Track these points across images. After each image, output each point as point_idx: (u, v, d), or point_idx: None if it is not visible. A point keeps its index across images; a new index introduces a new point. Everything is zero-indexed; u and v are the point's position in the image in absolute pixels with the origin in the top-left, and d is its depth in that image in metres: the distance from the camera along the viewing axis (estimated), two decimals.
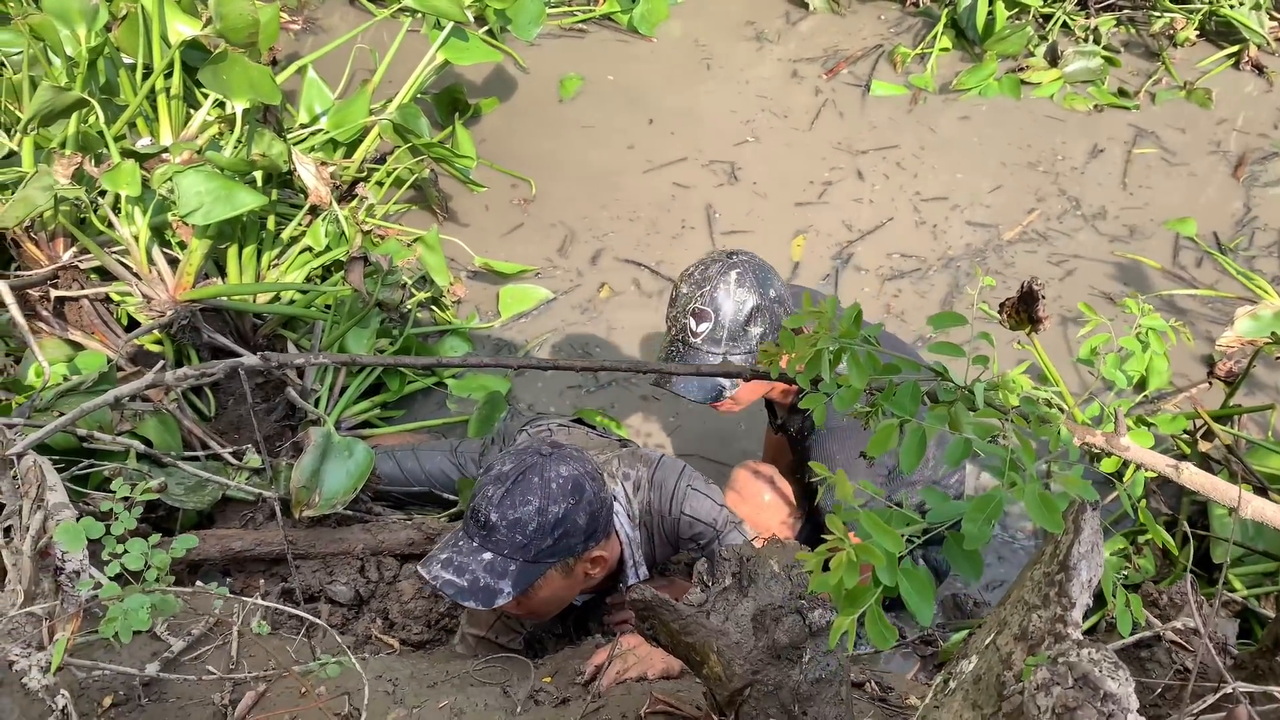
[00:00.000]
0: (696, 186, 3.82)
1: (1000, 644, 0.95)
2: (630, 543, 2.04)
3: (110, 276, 2.77)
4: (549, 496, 1.78)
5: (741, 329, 2.07)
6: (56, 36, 3.02)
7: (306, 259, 3.05)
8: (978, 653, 0.99)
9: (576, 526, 1.80)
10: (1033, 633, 0.92)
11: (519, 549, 1.77)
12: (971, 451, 1.10)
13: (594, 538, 1.86)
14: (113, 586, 1.29)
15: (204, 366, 1.58)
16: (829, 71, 4.31)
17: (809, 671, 1.35)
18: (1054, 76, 4.19)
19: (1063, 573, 0.91)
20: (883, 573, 0.89)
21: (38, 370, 2.38)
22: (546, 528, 1.77)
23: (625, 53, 4.44)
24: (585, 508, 1.81)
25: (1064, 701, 0.84)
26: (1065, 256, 3.57)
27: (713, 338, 2.07)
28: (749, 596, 1.36)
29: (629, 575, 2.06)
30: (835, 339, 1.12)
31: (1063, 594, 0.90)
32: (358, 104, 3.52)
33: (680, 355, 2.11)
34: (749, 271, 2.08)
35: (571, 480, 1.80)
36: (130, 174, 2.57)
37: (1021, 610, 0.94)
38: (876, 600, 0.90)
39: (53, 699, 1.33)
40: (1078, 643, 0.87)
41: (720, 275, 2.07)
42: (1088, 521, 0.91)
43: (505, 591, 1.76)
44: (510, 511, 1.77)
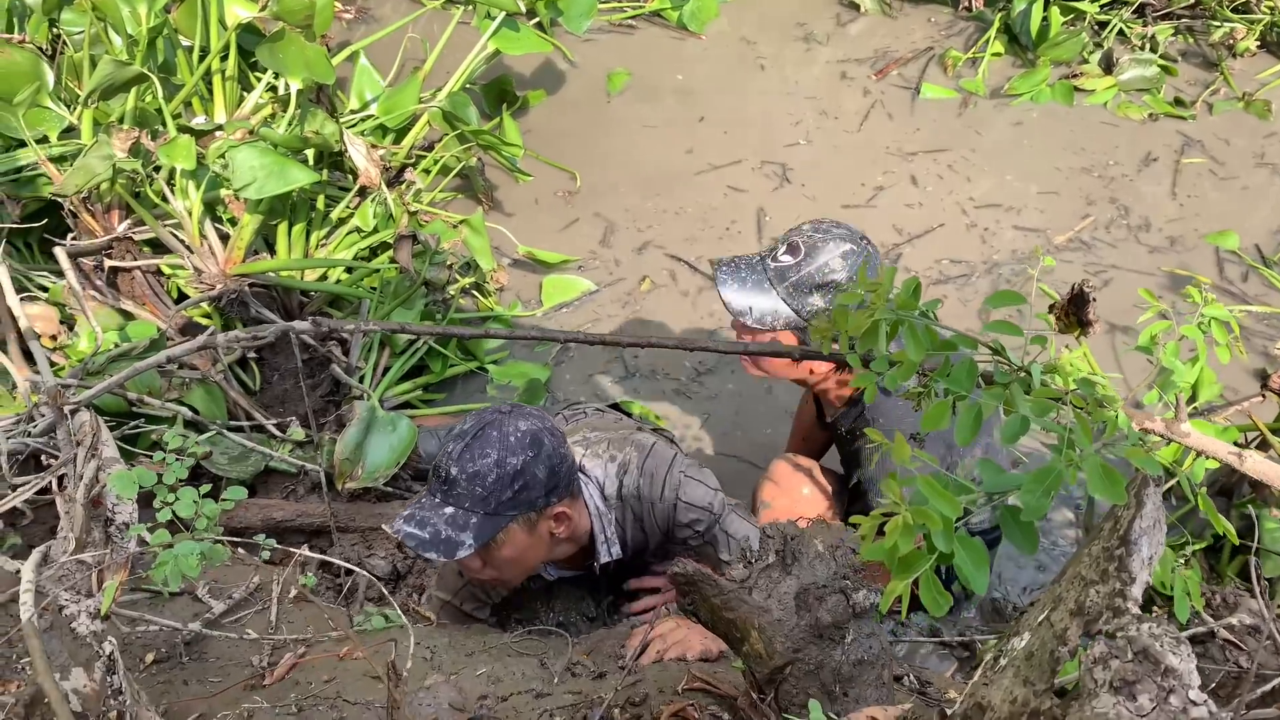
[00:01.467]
0: (745, 186, 3.81)
1: (1055, 620, 0.94)
2: (600, 517, 2.03)
3: (163, 249, 2.82)
4: (507, 449, 1.80)
5: (811, 288, 2.05)
6: (118, 15, 3.08)
7: (354, 239, 3.08)
8: (1030, 629, 0.97)
9: (536, 479, 1.82)
10: (1090, 608, 0.90)
11: (479, 501, 1.79)
12: (1028, 429, 1.09)
13: (555, 492, 1.86)
14: (163, 533, 1.31)
15: (255, 330, 1.60)
16: (879, 73, 4.28)
17: (851, 652, 1.34)
18: (1108, 84, 4.14)
19: (1123, 547, 0.89)
20: (938, 537, 0.88)
21: (90, 336, 2.42)
22: (505, 479, 1.79)
23: (674, 49, 4.45)
24: (544, 460, 1.82)
25: (1123, 675, 0.83)
26: (1104, 266, 3.53)
27: (782, 274, 2.06)
28: (792, 574, 1.35)
29: (600, 552, 2.04)
30: (893, 310, 1.11)
31: (1122, 569, 0.89)
32: (408, 91, 3.56)
33: (751, 269, 2.10)
34: (858, 257, 2.05)
35: (530, 434, 1.82)
36: (186, 148, 2.61)
37: (1078, 586, 0.93)
38: (930, 566, 0.89)
39: (100, 644, 1.35)
40: (1137, 617, 0.85)
41: (836, 240, 2.05)
42: (1150, 496, 0.90)
43: (466, 543, 1.78)
44: (469, 465, 1.79)
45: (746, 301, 2.08)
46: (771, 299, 2.07)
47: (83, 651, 1.40)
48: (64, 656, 1.37)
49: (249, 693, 1.66)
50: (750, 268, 2.10)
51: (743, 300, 2.08)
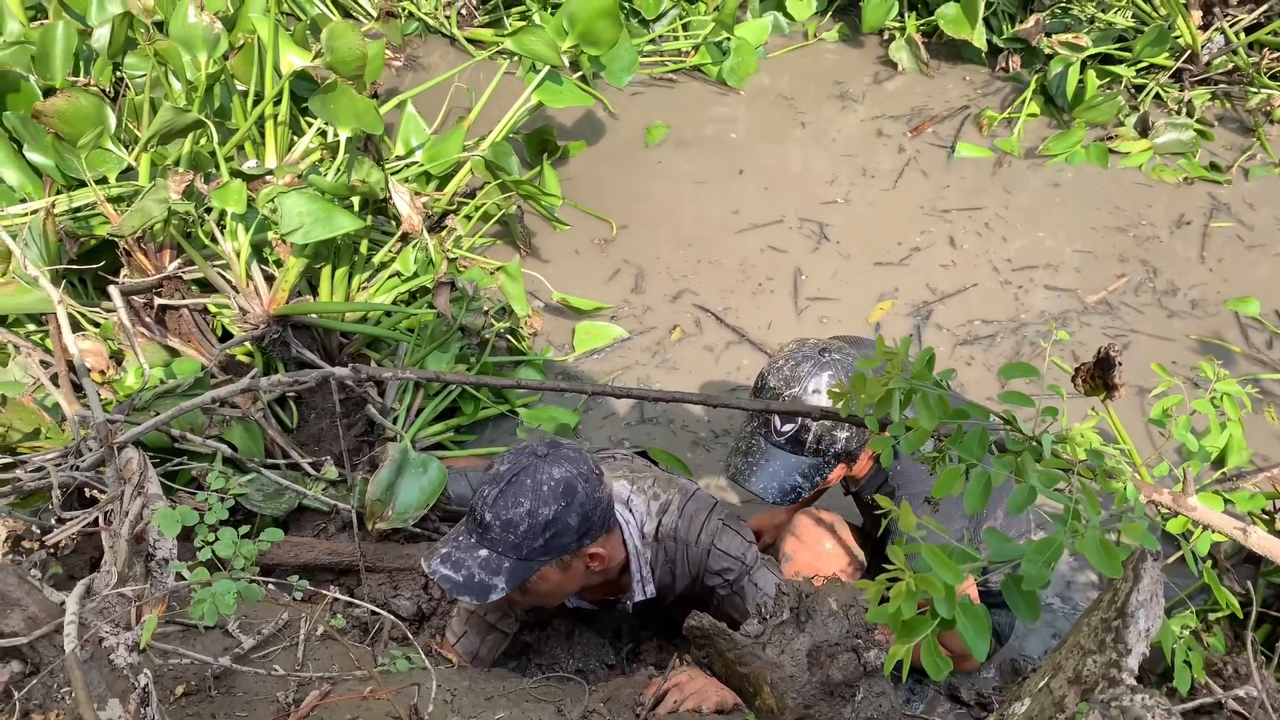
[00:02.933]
0: (780, 241, 3.86)
1: (1054, 687, 0.96)
2: (638, 556, 2.05)
3: (210, 288, 2.92)
4: (540, 499, 1.82)
5: (829, 432, 1.98)
6: (179, 61, 3.22)
7: (394, 283, 3.17)
8: (1031, 695, 1.00)
9: (568, 527, 1.84)
10: (1087, 677, 0.93)
11: (512, 547, 1.82)
12: (1035, 499, 1.12)
13: (589, 535, 1.89)
14: (202, 571, 1.36)
15: (296, 375, 1.67)
16: (914, 130, 4.34)
17: (861, 711, 1.36)
18: (1144, 147, 4.16)
19: (1120, 619, 0.92)
20: (940, 605, 0.91)
21: (138, 372, 2.51)
22: (537, 529, 1.82)
23: (713, 104, 4.54)
24: (577, 509, 1.84)
25: None
26: (1127, 329, 3.53)
27: (797, 439, 1.99)
28: (805, 631, 1.38)
29: (634, 591, 2.07)
30: (907, 380, 1.15)
31: (1119, 640, 0.91)
32: (452, 139, 3.67)
33: (759, 451, 2.03)
34: (842, 373, 1.96)
35: (563, 483, 1.84)
36: (237, 193, 2.72)
37: (1077, 655, 0.95)
38: (933, 631, 0.92)
39: (136, 676, 1.41)
40: (1131, 688, 0.88)
41: (811, 376, 1.96)
42: (1148, 570, 0.92)
43: (499, 587, 1.82)
44: (504, 512, 1.82)
45: (791, 482, 2.01)
46: (805, 462, 2.01)
47: (119, 683, 1.46)
48: (101, 687, 1.43)
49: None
50: (760, 453, 2.04)
51: (787, 483, 2.02)
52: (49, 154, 3.00)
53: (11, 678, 1.39)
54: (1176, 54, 4.39)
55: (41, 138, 3.01)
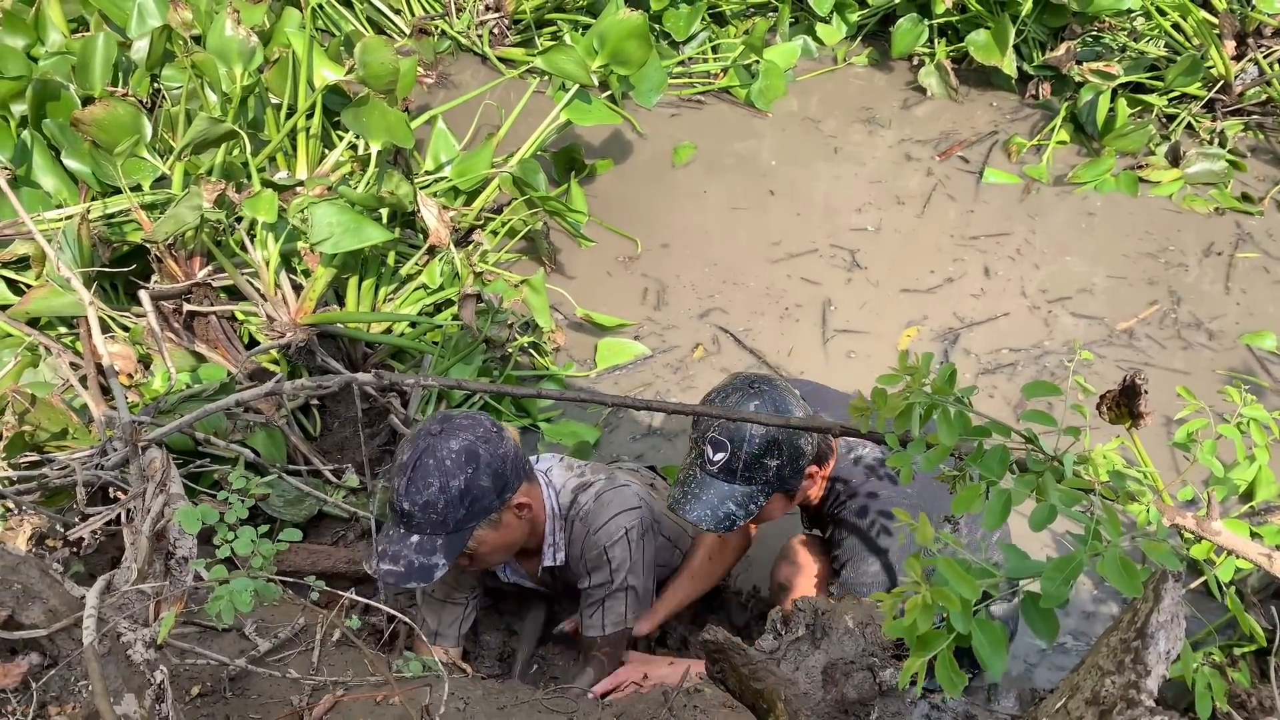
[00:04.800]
0: (807, 267, 3.85)
1: (1071, 708, 0.95)
2: (553, 519, 2.12)
3: (238, 297, 2.95)
4: (446, 473, 1.87)
5: (758, 460, 2.01)
6: (215, 73, 3.28)
7: (420, 295, 3.19)
8: (1048, 716, 0.99)
9: (484, 489, 1.91)
10: (1105, 698, 0.91)
11: (438, 525, 1.89)
12: (1055, 518, 1.11)
13: (507, 489, 1.95)
14: (220, 569, 1.38)
15: (320, 379, 1.68)
16: (942, 154, 4.34)
17: None
18: (1174, 176, 4.13)
19: (1139, 640, 0.91)
20: (956, 619, 0.91)
21: (164, 376, 2.54)
22: (454, 501, 1.88)
23: (741, 126, 4.55)
24: (485, 470, 1.90)
25: None
26: (1139, 363, 3.49)
27: (728, 468, 2.03)
28: (821, 649, 1.37)
29: (545, 554, 2.14)
30: (928, 395, 1.15)
31: (1138, 661, 0.90)
32: (481, 156, 3.70)
33: (695, 481, 2.06)
34: (768, 404, 2.02)
35: (464, 451, 1.89)
36: (269, 202, 2.75)
37: (1095, 676, 0.94)
38: (949, 646, 0.91)
39: (152, 672, 1.42)
40: (1150, 709, 0.86)
41: (739, 406, 2.02)
42: (1169, 591, 0.91)
43: (440, 564, 1.90)
44: (418, 496, 1.88)
45: (724, 510, 2.03)
46: (738, 490, 2.03)
47: (135, 678, 1.47)
48: (118, 682, 1.44)
49: None
50: (697, 482, 2.06)
51: (720, 511, 2.04)
52: (86, 161, 3.06)
53: (30, 669, 1.40)
54: (1209, 84, 4.37)
55: (79, 145, 3.07)
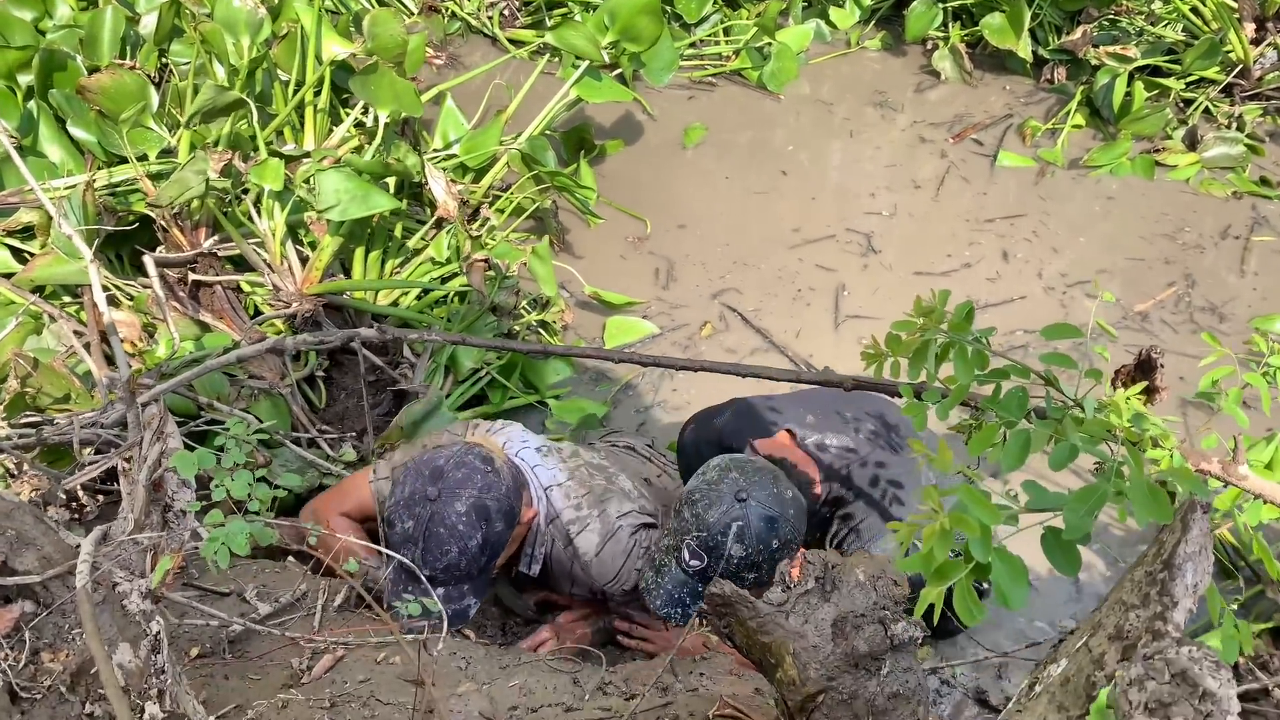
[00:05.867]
0: (819, 249, 3.80)
1: (1093, 645, 0.91)
2: (536, 533, 2.13)
3: (244, 268, 2.93)
4: (461, 537, 1.91)
5: (734, 574, 1.95)
6: (223, 46, 3.25)
7: (427, 268, 3.16)
8: (1068, 656, 0.95)
9: (499, 533, 1.96)
10: (1129, 632, 0.88)
11: (464, 577, 1.94)
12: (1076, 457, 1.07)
13: (516, 516, 2.01)
14: (217, 514, 1.35)
15: (322, 334, 1.65)
16: (956, 136, 4.29)
17: (887, 685, 1.31)
18: (1191, 160, 4.08)
19: (1166, 571, 0.87)
20: (975, 546, 0.87)
21: (168, 342, 2.52)
22: (475, 554, 1.93)
23: (752, 108, 4.51)
24: (499, 518, 1.95)
25: (1158, 697, 0.80)
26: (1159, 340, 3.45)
27: (705, 575, 1.97)
28: (831, 601, 1.33)
29: (522, 562, 2.16)
30: (944, 333, 1.11)
31: (1164, 593, 0.86)
32: (490, 133, 3.67)
33: (669, 571, 2.00)
34: (751, 526, 1.94)
35: (473, 511, 1.92)
36: (275, 170, 2.73)
37: (1119, 611, 0.90)
38: (967, 575, 0.87)
39: (148, 623, 1.39)
40: (1177, 640, 0.83)
41: (723, 526, 1.94)
42: (1196, 521, 0.87)
43: (473, 604, 1.97)
44: (438, 562, 1.92)
45: (694, 609, 1.98)
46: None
47: (131, 629, 1.44)
48: (113, 631, 1.41)
49: (286, 689, 1.68)
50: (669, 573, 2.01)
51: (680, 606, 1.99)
52: (91, 129, 3.04)
53: (23, 616, 1.37)
54: (1227, 68, 4.31)
55: (85, 114, 3.05)
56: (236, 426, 1.40)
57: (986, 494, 0.92)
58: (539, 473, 2.17)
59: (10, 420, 2.11)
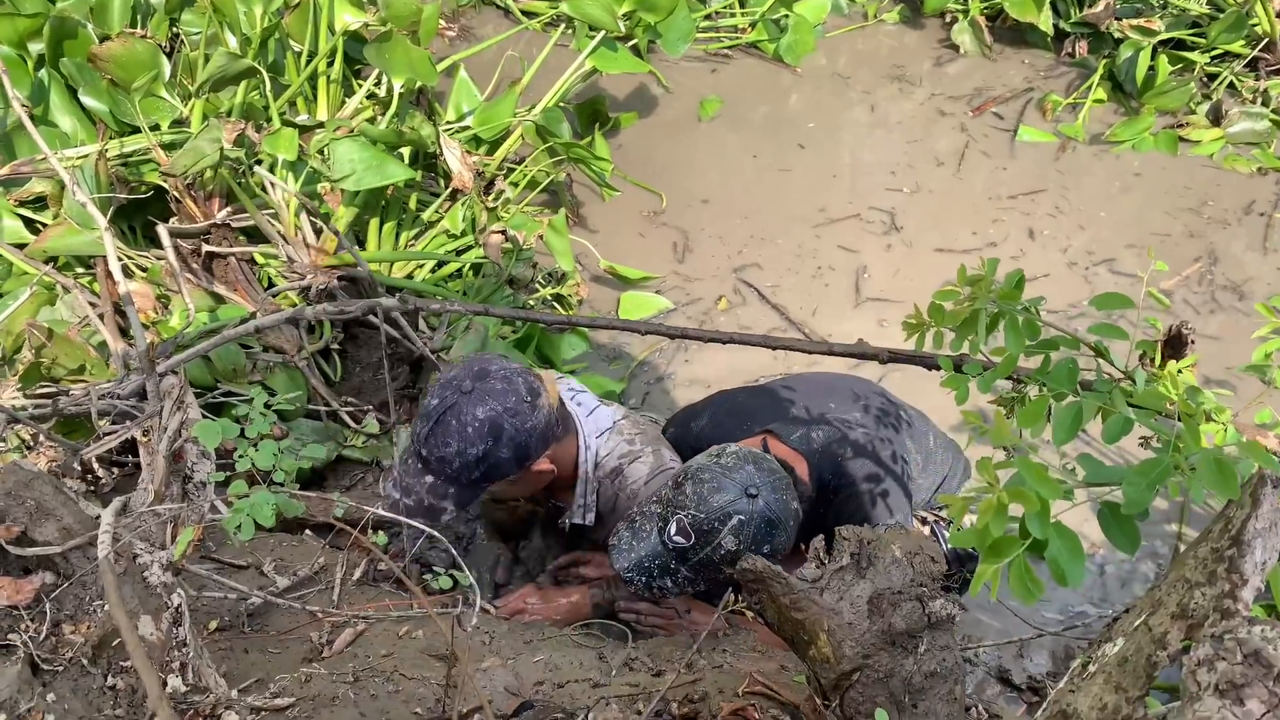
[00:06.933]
0: (842, 230, 3.75)
1: (1153, 624, 0.88)
2: (586, 481, 2.06)
3: (257, 239, 2.89)
4: (465, 440, 1.84)
5: (715, 565, 1.88)
6: (235, 15, 3.20)
7: (442, 241, 3.13)
8: (1124, 635, 0.92)
9: (502, 459, 1.87)
10: (1194, 610, 0.84)
11: (452, 479, 1.88)
12: (1130, 429, 1.03)
13: (528, 459, 1.91)
14: (240, 485, 1.32)
15: (342, 304, 1.62)
16: (975, 109, 4.23)
17: (924, 663, 1.28)
18: (1215, 135, 4.01)
19: (1234, 548, 0.83)
20: (1032, 521, 0.84)
21: (183, 313, 2.49)
22: (470, 465, 1.86)
23: (769, 81, 4.45)
24: (507, 444, 1.86)
25: (1230, 678, 0.77)
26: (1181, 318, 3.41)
27: (683, 556, 1.90)
28: (866, 578, 1.30)
29: (574, 513, 2.09)
30: (994, 302, 1.07)
31: (1233, 570, 0.83)
32: (504, 104, 3.61)
33: (645, 537, 1.93)
34: (748, 526, 1.86)
35: (487, 423, 1.84)
36: (289, 139, 2.69)
37: (1182, 589, 0.87)
38: (1022, 551, 0.84)
39: (169, 595, 1.36)
40: (1249, 619, 0.79)
41: (723, 514, 1.85)
42: (1267, 496, 0.84)
43: (449, 510, 1.89)
44: (435, 450, 1.86)
45: (657, 584, 1.92)
46: (682, 572, 1.91)
47: (152, 600, 1.42)
48: (134, 603, 1.38)
49: (308, 663, 1.66)
50: (646, 540, 1.93)
51: (655, 583, 1.92)
52: (103, 99, 2.99)
53: (43, 587, 1.35)
54: (1253, 42, 4.23)
55: (96, 82, 3.01)
56: (259, 396, 1.38)
57: (1045, 467, 0.88)
58: (598, 414, 2.10)
59: (26, 391, 2.08)
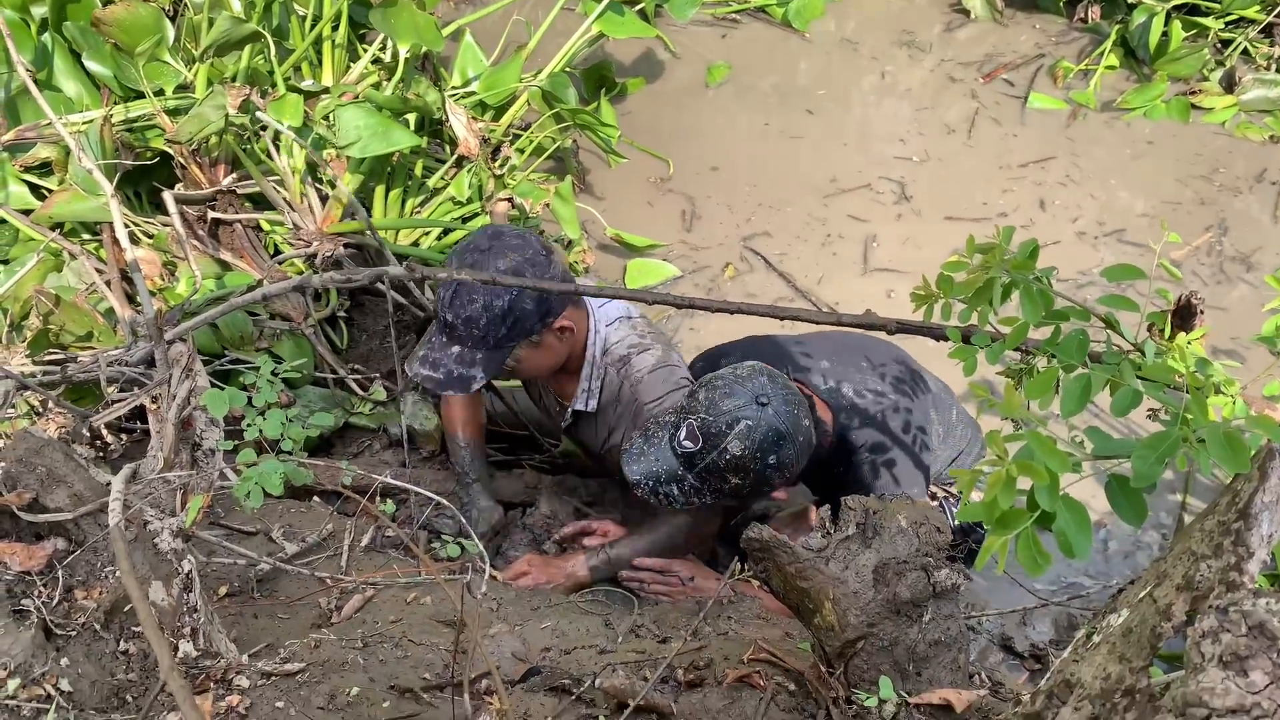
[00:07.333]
0: (851, 199, 3.73)
1: (1158, 595, 0.89)
2: (592, 365, 2.08)
3: (263, 206, 2.88)
4: (491, 292, 1.86)
5: (720, 471, 1.89)
6: None
7: (448, 208, 3.12)
8: (1129, 606, 0.92)
9: (526, 311, 1.90)
10: (1200, 583, 0.85)
11: (479, 341, 1.90)
12: (1140, 403, 1.03)
13: (550, 313, 1.94)
14: (249, 453, 1.33)
15: (350, 271, 1.62)
16: (986, 76, 4.19)
17: (928, 632, 1.30)
18: (1228, 103, 3.97)
19: (1241, 521, 0.84)
20: (1041, 494, 0.84)
21: (189, 279, 2.49)
22: (496, 320, 1.88)
23: (777, 46, 4.41)
24: (530, 293, 1.88)
25: (1234, 650, 0.77)
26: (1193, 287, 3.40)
27: (690, 460, 1.91)
28: (872, 548, 1.31)
29: (578, 399, 2.11)
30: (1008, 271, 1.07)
31: (1239, 543, 0.83)
32: (510, 69, 3.58)
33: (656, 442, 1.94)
34: (755, 433, 1.86)
35: (511, 272, 1.86)
36: (294, 106, 2.67)
37: (1187, 560, 0.87)
38: (1030, 524, 0.84)
39: (179, 562, 1.38)
40: (1255, 591, 0.80)
41: (732, 418, 1.86)
42: (1275, 470, 0.84)
43: (478, 377, 1.90)
44: (462, 310, 1.88)
45: (664, 490, 1.93)
46: (689, 480, 1.92)
47: (163, 567, 1.43)
48: (145, 569, 1.40)
49: (317, 629, 1.68)
50: (658, 450, 1.94)
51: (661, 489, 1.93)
52: (107, 63, 2.97)
53: (55, 553, 1.36)
54: (1268, 7, 4.18)
55: (100, 47, 2.98)
56: (266, 364, 1.38)
57: (1054, 439, 0.89)
58: (609, 307, 2.12)
59: (34, 358, 2.09)
